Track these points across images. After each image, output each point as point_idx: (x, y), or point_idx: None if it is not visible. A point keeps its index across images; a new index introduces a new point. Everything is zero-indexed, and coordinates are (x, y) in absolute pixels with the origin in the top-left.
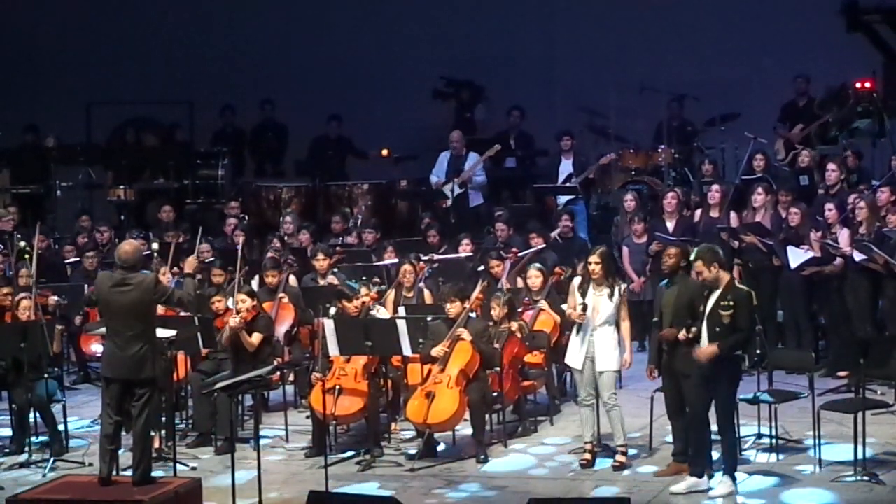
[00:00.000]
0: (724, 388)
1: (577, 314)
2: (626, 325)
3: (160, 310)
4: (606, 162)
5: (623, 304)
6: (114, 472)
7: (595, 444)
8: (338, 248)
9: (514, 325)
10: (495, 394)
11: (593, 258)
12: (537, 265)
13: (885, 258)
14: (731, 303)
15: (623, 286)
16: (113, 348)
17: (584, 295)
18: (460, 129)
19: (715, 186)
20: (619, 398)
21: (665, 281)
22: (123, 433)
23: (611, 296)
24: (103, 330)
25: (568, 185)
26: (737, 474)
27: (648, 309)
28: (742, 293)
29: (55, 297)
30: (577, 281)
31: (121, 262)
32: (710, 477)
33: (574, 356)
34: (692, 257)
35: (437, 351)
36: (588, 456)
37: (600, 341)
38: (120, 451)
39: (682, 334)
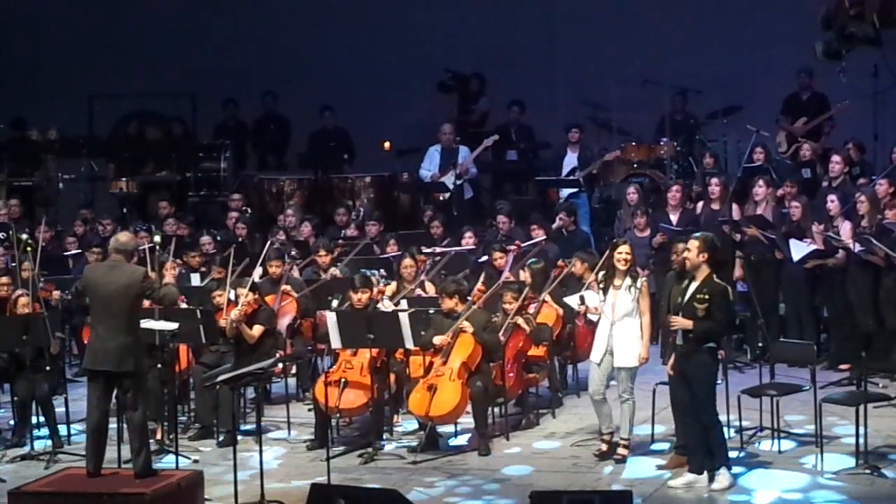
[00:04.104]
0: (701, 382)
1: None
2: (645, 319)
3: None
4: (611, 159)
5: (643, 297)
6: (101, 466)
7: (613, 435)
8: (340, 242)
9: (520, 320)
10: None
11: (624, 248)
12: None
13: (885, 251)
14: (707, 296)
15: (642, 279)
16: (96, 339)
17: (605, 290)
18: (463, 122)
19: (715, 179)
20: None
21: (672, 272)
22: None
23: (629, 289)
24: None
25: (570, 178)
26: (740, 467)
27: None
28: (719, 287)
29: (58, 292)
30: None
31: (115, 249)
32: (710, 473)
33: (595, 350)
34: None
35: (439, 339)
36: (604, 447)
37: (620, 336)
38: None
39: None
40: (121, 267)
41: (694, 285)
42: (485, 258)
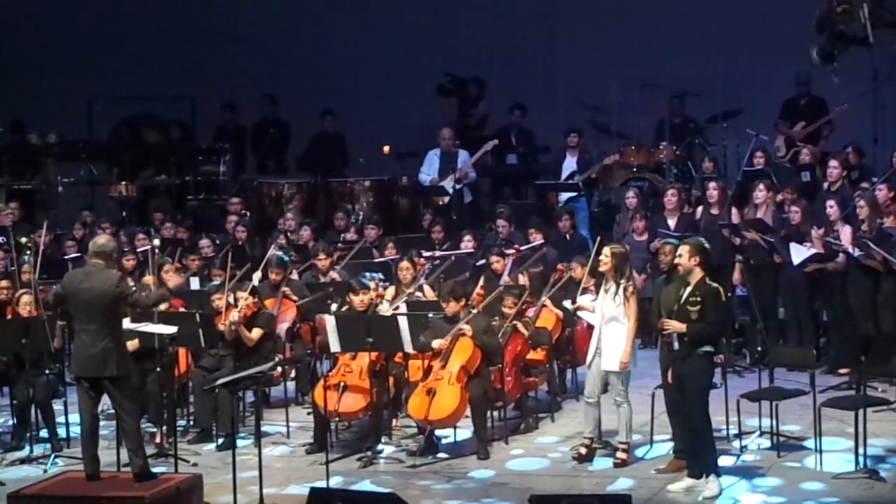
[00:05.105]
0: (693, 385)
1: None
2: (629, 324)
3: (162, 306)
4: (610, 163)
5: (627, 303)
6: (99, 469)
7: (594, 440)
8: (339, 245)
9: (519, 324)
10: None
11: (605, 251)
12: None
13: (883, 255)
14: (699, 298)
15: (628, 284)
16: (79, 345)
17: (596, 290)
18: (462, 126)
19: (713, 184)
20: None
21: (662, 276)
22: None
23: (615, 294)
24: None
25: (570, 182)
26: (739, 472)
27: (650, 306)
28: (710, 289)
29: None
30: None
31: (94, 252)
32: (711, 477)
33: (589, 352)
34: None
35: (437, 343)
36: (583, 450)
37: (607, 340)
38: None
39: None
40: (96, 273)
41: (688, 289)
42: (483, 262)
